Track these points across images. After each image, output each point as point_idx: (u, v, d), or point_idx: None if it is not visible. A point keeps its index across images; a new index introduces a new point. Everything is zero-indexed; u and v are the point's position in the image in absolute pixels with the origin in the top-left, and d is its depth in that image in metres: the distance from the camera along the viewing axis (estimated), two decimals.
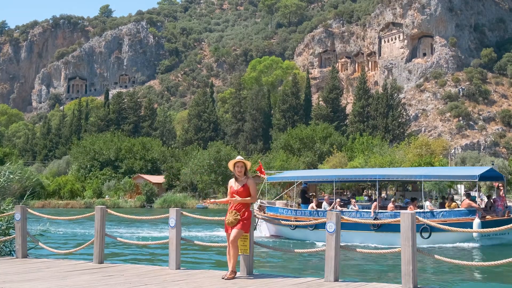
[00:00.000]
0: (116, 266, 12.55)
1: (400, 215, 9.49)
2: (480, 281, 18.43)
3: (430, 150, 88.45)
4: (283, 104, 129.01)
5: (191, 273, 11.15)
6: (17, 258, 13.65)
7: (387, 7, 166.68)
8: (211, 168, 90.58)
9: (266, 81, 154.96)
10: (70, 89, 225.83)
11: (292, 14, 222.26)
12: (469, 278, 18.80)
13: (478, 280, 18.47)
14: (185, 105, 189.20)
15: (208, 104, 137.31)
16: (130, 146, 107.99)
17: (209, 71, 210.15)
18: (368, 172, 37.36)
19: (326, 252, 9.94)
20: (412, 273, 9.17)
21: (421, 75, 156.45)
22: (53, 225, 35.04)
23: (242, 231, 10.41)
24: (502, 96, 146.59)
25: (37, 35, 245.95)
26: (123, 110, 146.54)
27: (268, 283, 9.87)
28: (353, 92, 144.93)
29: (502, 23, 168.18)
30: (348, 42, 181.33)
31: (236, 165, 10.67)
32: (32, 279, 10.51)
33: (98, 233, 12.63)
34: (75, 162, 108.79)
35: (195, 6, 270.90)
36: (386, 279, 17.60)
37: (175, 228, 11.55)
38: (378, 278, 17.86)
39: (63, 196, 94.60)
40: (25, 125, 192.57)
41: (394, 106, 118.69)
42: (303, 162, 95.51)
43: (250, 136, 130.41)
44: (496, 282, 18.20)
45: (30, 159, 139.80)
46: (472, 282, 18.11)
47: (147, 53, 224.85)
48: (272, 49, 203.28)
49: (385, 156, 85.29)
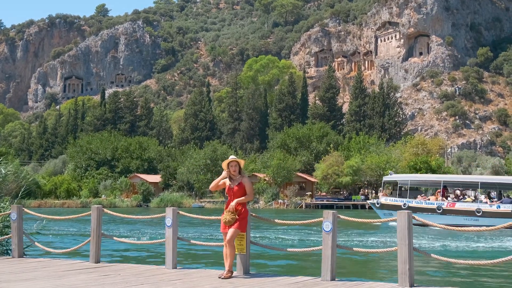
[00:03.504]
0: (113, 265, 12.52)
1: (397, 214, 9.48)
2: (478, 280, 18.44)
3: (427, 149, 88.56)
4: (279, 103, 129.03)
5: (188, 272, 11.13)
6: (13, 258, 13.61)
7: (384, 6, 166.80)
8: (207, 167, 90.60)
9: (263, 80, 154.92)
10: (66, 88, 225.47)
11: (288, 13, 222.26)
12: (466, 277, 18.81)
13: (476, 279, 18.48)
14: (181, 105, 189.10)
15: (204, 104, 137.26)
16: (126, 146, 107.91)
17: (206, 71, 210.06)
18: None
19: (323, 251, 9.92)
20: (409, 272, 9.16)
21: (417, 74, 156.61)
22: (50, 224, 35.00)
23: (238, 231, 10.39)
24: (498, 95, 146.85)
25: (33, 34, 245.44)
26: (120, 110, 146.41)
27: (264, 282, 9.86)
28: (350, 91, 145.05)
29: (498, 22, 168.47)
30: (344, 41, 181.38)
31: (230, 164, 10.64)
32: (28, 278, 10.48)
33: (94, 232, 12.60)
34: (72, 162, 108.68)
35: (191, 5, 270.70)
36: (382, 278, 17.60)
37: (172, 227, 11.53)
38: (375, 277, 17.87)
39: (60, 195, 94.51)
40: (21, 124, 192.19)
41: (390, 105, 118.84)
42: (300, 161, 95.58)
43: (246, 135, 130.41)
44: (495, 282, 18.22)
45: (26, 159, 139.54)
46: (470, 281, 18.12)
47: (144, 53, 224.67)
48: (268, 48, 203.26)
49: (381, 155, 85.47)
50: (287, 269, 19.55)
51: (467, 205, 42.47)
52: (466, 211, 41.17)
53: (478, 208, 41.18)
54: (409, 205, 44.14)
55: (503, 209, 40.18)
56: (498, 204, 41.31)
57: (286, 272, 18.05)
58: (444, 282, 17.22)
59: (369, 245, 28.33)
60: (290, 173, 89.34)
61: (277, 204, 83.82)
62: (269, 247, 12.91)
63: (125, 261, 18.77)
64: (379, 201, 48.28)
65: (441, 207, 42.57)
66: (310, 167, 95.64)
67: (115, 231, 35.84)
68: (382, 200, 47.92)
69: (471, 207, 41.81)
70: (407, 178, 50.52)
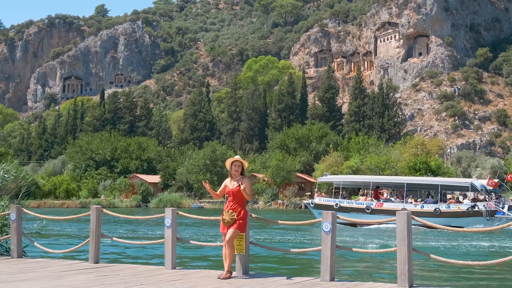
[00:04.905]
0: (112, 266, 12.52)
1: (396, 214, 9.49)
2: (476, 280, 18.45)
3: (426, 149, 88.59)
4: (279, 104, 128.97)
5: (187, 272, 11.14)
6: (12, 258, 13.61)
7: (383, 6, 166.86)
8: (206, 167, 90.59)
9: (262, 81, 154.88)
10: (66, 88, 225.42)
11: (288, 14, 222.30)
12: (465, 277, 18.82)
13: (474, 280, 18.49)
14: (181, 105, 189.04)
15: (204, 104, 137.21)
16: (125, 146, 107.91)
17: (205, 71, 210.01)
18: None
19: (322, 252, 9.93)
20: (408, 273, 9.16)
21: (416, 74, 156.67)
22: (49, 224, 34.99)
23: (238, 231, 10.41)
24: (498, 96, 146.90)
25: (32, 34, 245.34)
26: (119, 110, 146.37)
27: (263, 282, 9.86)
28: (349, 91, 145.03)
29: (498, 23, 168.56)
30: (344, 42, 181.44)
31: (234, 164, 10.67)
32: (27, 279, 10.48)
33: (93, 233, 12.59)
34: (71, 162, 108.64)
35: (190, 5, 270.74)
36: (382, 278, 17.60)
37: (171, 228, 11.54)
38: (374, 277, 17.87)
39: (59, 196, 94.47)
40: (20, 124, 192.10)
41: (389, 106, 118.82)
42: (299, 161, 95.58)
43: (246, 135, 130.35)
44: (493, 281, 18.23)
45: (26, 159, 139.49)
46: (469, 282, 18.13)
47: (143, 53, 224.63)
48: (268, 48, 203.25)
49: (380, 156, 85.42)
50: (286, 270, 19.55)
51: (394, 205, 44.52)
52: (393, 210, 42.57)
53: (403, 208, 43.08)
54: (341, 205, 46.55)
55: (427, 209, 43.20)
56: (422, 204, 44.25)
57: (285, 272, 18.05)
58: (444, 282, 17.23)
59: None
60: (289, 173, 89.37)
61: (277, 205, 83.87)
62: (268, 247, 12.92)
63: (125, 262, 18.76)
64: (313, 201, 50.31)
65: (370, 207, 44.79)
66: (310, 167, 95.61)
67: (114, 231, 35.84)
68: (316, 201, 49.94)
69: (397, 207, 43.64)
70: (340, 179, 53.30)
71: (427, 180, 51.34)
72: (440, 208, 42.37)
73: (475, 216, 41.04)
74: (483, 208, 41.87)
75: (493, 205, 42.22)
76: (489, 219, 40.89)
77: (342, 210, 44.23)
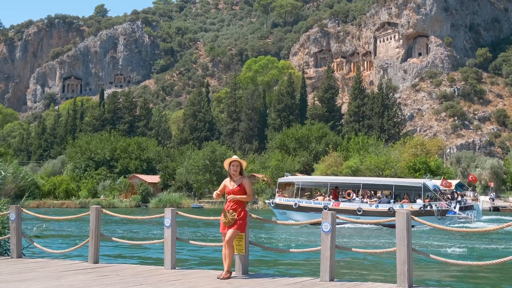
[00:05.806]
0: (111, 266, 12.52)
1: (396, 214, 9.48)
2: (475, 280, 18.45)
3: (425, 149, 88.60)
4: (278, 104, 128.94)
5: (186, 272, 11.14)
6: (12, 258, 13.61)
7: (383, 7, 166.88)
8: (206, 168, 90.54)
9: (262, 81, 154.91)
10: (65, 88, 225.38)
11: (287, 14, 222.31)
12: (464, 277, 18.82)
13: (473, 280, 18.49)
14: (180, 105, 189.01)
15: (203, 104, 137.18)
16: (125, 146, 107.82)
17: (205, 71, 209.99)
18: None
19: (322, 252, 9.92)
20: (408, 273, 9.16)
21: (416, 74, 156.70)
22: (48, 224, 34.97)
23: (238, 231, 10.41)
24: (497, 96, 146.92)
25: (32, 34, 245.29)
26: (118, 110, 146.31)
27: (263, 282, 9.86)
28: (349, 91, 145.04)
29: (497, 23, 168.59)
30: (343, 42, 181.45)
31: (232, 164, 10.66)
32: (27, 279, 10.47)
33: (93, 232, 12.59)
34: (70, 162, 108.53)
35: (190, 5, 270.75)
36: (381, 278, 17.60)
37: (171, 228, 11.53)
38: (373, 277, 17.87)
39: (58, 196, 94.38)
40: (20, 124, 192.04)
41: (389, 106, 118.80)
42: (299, 162, 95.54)
43: (245, 135, 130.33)
44: (492, 281, 18.23)
45: (25, 159, 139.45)
46: (467, 282, 18.13)
47: (142, 53, 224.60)
48: (267, 48, 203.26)
49: (380, 156, 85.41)
50: (285, 270, 19.55)
51: (350, 205, 46.39)
52: (349, 210, 44.97)
53: (359, 207, 45.38)
54: (300, 204, 48.13)
55: (381, 208, 44.99)
56: (376, 204, 46.11)
57: (285, 272, 18.06)
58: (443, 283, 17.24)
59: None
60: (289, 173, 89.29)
61: None
62: (268, 247, 12.92)
63: (124, 262, 18.76)
64: (274, 201, 51.75)
65: (327, 206, 45.57)
66: (309, 167, 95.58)
67: (114, 231, 35.82)
68: (277, 200, 51.38)
69: (353, 206, 45.72)
70: (299, 179, 55.62)
71: (381, 180, 53.49)
72: (393, 208, 43.74)
73: (427, 216, 42.09)
74: (434, 207, 43.99)
75: (444, 204, 44.45)
76: (440, 218, 42.87)
77: (301, 210, 47.07)
